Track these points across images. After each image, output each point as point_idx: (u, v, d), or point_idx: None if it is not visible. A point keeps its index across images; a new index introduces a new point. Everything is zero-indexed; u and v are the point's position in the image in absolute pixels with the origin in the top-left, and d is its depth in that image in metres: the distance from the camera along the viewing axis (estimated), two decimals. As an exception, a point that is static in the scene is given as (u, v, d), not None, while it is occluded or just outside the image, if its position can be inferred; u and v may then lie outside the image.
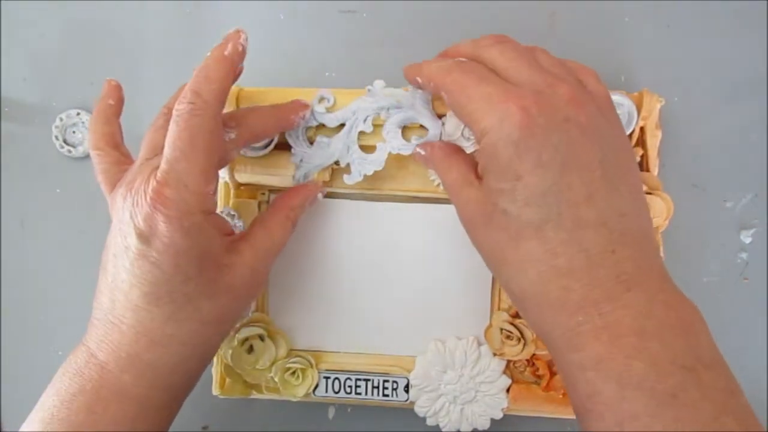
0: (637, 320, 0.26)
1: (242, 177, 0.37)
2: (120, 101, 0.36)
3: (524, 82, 0.29)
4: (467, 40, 0.33)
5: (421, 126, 0.36)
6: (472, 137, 0.34)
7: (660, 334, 0.26)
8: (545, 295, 0.28)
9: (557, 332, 0.28)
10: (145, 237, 0.29)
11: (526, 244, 0.28)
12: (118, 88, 0.36)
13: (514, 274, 0.29)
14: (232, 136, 0.32)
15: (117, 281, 0.30)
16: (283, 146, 0.37)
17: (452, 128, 0.34)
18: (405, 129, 0.36)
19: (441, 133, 0.35)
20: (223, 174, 0.37)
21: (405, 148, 0.35)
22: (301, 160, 0.36)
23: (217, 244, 0.31)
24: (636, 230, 0.28)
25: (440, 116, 0.35)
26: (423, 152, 0.35)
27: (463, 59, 0.32)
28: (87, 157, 0.42)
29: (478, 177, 0.30)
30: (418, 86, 0.34)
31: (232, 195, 0.38)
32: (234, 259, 0.31)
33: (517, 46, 0.31)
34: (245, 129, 0.33)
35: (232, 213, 0.37)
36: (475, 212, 0.30)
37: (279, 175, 0.37)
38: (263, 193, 0.38)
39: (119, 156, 0.34)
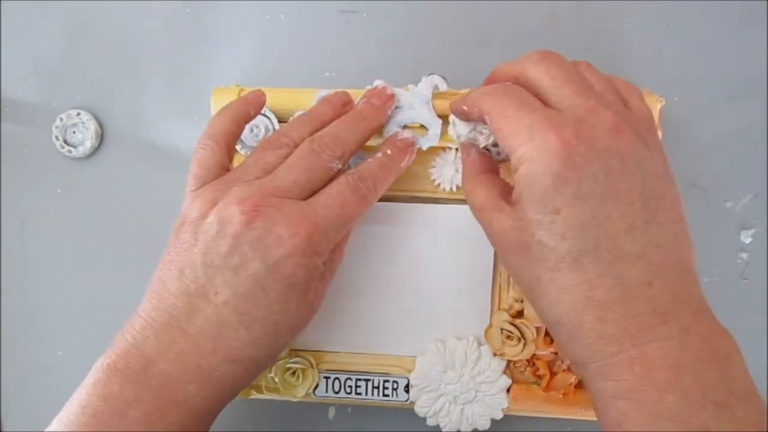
0: (671, 353, 0.26)
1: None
2: (257, 114, 0.35)
3: (566, 106, 0.28)
4: (512, 59, 0.32)
5: (422, 126, 0.36)
6: (485, 131, 0.33)
7: (693, 368, 0.26)
8: (580, 326, 0.27)
9: (590, 361, 0.27)
10: (271, 267, 0.29)
11: (562, 275, 0.27)
12: (263, 106, 0.35)
13: (549, 304, 0.28)
14: (339, 166, 0.32)
15: (207, 292, 0.30)
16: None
17: (463, 126, 0.34)
18: (405, 128, 0.36)
19: (441, 133, 0.35)
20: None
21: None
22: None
23: (315, 286, 0.32)
24: (674, 260, 0.28)
25: (440, 116, 0.35)
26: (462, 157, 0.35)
27: (507, 83, 0.31)
28: (87, 157, 0.42)
29: (509, 201, 0.30)
30: (463, 114, 0.33)
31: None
32: (316, 297, 0.32)
33: (563, 63, 0.30)
34: (347, 156, 0.33)
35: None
36: (510, 240, 0.29)
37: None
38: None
39: (225, 160, 0.33)
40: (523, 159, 0.28)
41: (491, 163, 0.34)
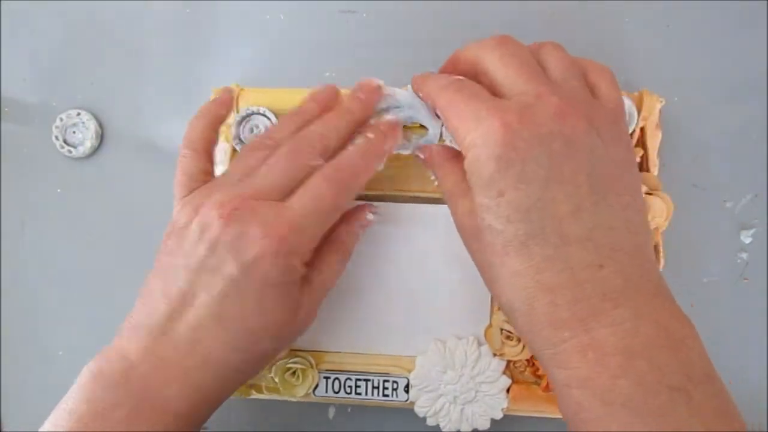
0: (624, 339, 0.26)
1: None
2: (229, 114, 0.35)
3: (514, 94, 0.29)
4: (472, 43, 0.32)
5: (421, 126, 0.36)
6: None
7: (648, 353, 0.26)
8: (531, 311, 0.27)
9: (544, 348, 0.28)
10: (246, 268, 0.29)
11: (511, 260, 0.28)
12: (232, 101, 0.36)
13: (501, 290, 0.29)
14: (320, 162, 0.32)
15: (187, 296, 0.30)
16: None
17: None
18: (405, 128, 0.36)
19: (441, 133, 0.35)
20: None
21: (405, 148, 0.35)
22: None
23: (297, 289, 0.32)
24: (627, 244, 0.28)
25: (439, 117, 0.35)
26: (422, 156, 0.35)
27: (461, 78, 0.31)
28: (87, 157, 0.42)
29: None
30: (422, 98, 0.34)
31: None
32: (300, 304, 0.32)
33: (518, 50, 0.30)
34: (330, 152, 0.33)
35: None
36: (466, 224, 0.30)
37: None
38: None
39: (207, 166, 0.34)
40: (471, 146, 0.28)
41: (455, 151, 0.34)
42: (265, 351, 0.32)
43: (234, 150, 0.37)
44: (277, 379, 0.38)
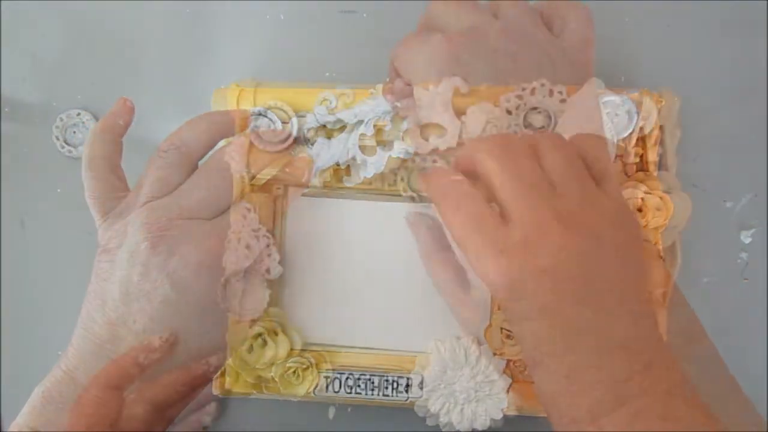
0: (581, 265, 0.25)
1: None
2: (129, 123, 0.34)
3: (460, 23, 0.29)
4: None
5: (438, 126, 0.35)
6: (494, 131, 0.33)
7: (604, 277, 0.25)
8: (481, 239, 0.26)
9: (497, 279, 0.26)
10: (181, 289, 0.29)
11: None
12: (132, 110, 0.34)
13: (449, 224, 0.28)
14: (248, 173, 0.33)
15: (127, 320, 0.30)
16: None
17: (473, 125, 0.34)
18: (423, 128, 0.35)
19: (461, 133, 0.35)
20: (240, 168, 0.37)
21: (405, 152, 0.35)
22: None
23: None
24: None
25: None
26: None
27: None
28: (87, 157, 0.42)
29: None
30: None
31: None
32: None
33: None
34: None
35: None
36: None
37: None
38: (278, 188, 0.38)
39: (115, 181, 0.33)
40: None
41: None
42: (216, 364, 0.32)
43: (251, 144, 0.36)
44: (277, 379, 0.38)
